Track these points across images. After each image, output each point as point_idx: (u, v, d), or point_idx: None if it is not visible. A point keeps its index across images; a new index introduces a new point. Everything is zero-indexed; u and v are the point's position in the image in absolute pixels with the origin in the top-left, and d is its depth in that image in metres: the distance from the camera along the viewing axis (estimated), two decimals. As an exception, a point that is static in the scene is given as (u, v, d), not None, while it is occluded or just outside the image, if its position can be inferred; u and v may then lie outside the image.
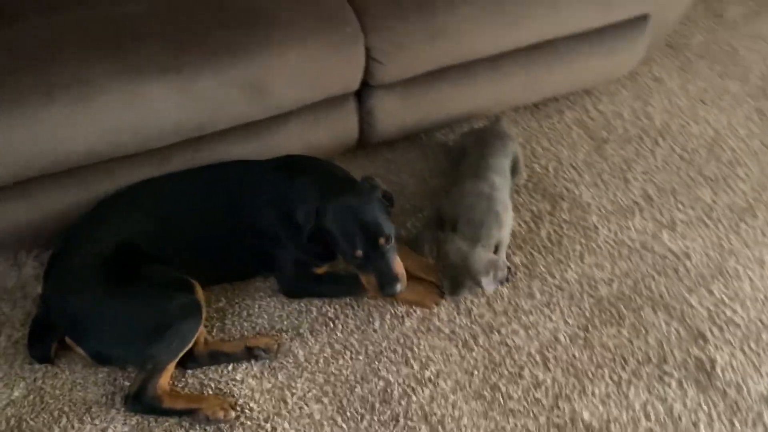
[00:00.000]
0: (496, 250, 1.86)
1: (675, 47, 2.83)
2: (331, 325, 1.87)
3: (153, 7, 1.75)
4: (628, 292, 1.96)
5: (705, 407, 1.71)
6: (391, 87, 2.02)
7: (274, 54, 1.75)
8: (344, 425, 1.68)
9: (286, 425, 1.67)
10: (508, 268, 1.82)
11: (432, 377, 1.77)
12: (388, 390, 1.74)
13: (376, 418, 1.69)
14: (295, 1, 1.84)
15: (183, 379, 1.74)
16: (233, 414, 1.66)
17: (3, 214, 1.74)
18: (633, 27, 2.29)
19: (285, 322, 1.87)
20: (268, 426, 1.66)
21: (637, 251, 2.07)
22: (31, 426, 1.64)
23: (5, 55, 1.60)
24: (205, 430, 1.65)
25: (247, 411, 1.69)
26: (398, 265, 1.71)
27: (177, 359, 1.68)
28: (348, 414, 1.70)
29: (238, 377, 1.75)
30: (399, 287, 1.68)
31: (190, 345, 1.69)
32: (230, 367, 1.77)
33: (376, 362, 1.79)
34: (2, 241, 1.82)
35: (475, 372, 1.78)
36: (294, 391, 1.73)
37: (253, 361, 1.78)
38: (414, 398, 1.73)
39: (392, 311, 1.90)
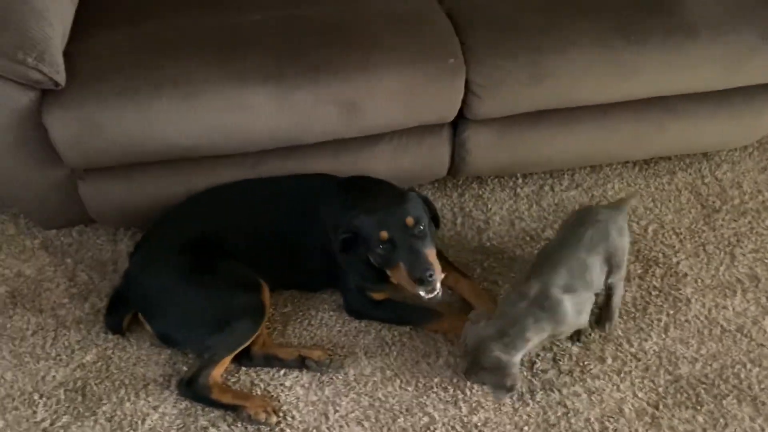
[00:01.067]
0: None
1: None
2: (387, 350, 1.85)
3: (266, 19, 1.85)
4: (713, 377, 1.79)
5: None
6: (488, 122, 2.00)
7: (371, 76, 1.79)
8: (379, 454, 1.65)
9: (323, 441, 1.67)
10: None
11: (479, 424, 1.70)
12: (431, 428, 1.70)
13: (413, 454, 1.65)
14: (404, 28, 1.87)
15: (236, 375, 1.79)
16: (275, 419, 1.69)
17: (108, 192, 1.90)
18: (766, 93, 2.12)
19: (342, 338, 1.88)
20: (306, 438, 1.68)
21: (731, 334, 1.89)
22: (93, 390, 1.76)
23: (128, 49, 1.76)
24: (246, 428, 1.69)
25: (289, 418, 1.71)
26: (431, 255, 1.62)
27: (233, 354, 1.74)
28: (386, 443, 1.67)
29: (288, 383, 1.78)
30: (433, 276, 1.58)
31: (248, 343, 1.74)
32: (282, 372, 1.80)
33: (425, 396, 1.75)
34: (105, 216, 1.98)
35: (526, 428, 1.69)
36: (338, 408, 1.73)
37: (304, 371, 1.80)
38: (456, 442, 1.67)
39: (449, 348, 1.85)
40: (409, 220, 1.61)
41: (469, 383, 1.76)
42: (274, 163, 1.93)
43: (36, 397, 1.74)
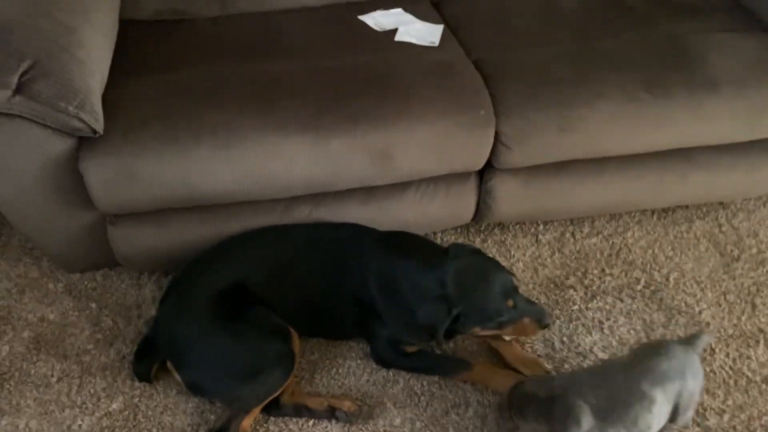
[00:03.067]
0: None
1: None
2: (416, 400, 1.84)
3: (304, 69, 1.88)
4: (741, 428, 1.79)
5: None
6: (514, 171, 2.02)
7: (405, 126, 1.80)
8: (412, 508, 1.63)
9: (354, 494, 1.65)
10: None
11: (510, 477, 1.69)
12: (463, 480, 1.68)
13: None
14: (436, 79, 1.90)
15: (264, 425, 1.77)
16: (306, 470, 1.67)
17: (138, 236, 1.89)
18: (784, 145, 2.17)
19: (371, 388, 1.87)
20: (337, 490, 1.65)
21: (756, 385, 1.89)
22: (121, 440, 1.73)
23: (165, 96, 1.77)
24: (277, 480, 1.66)
25: (319, 470, 1.69)
26: None
27: (263, 404, 1.72)
28: (418, 497, 1.65)
29: (317, 434, 1.76)
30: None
31: (278, 392, 1.73)
32: (311, 422, 1.78)
33: (456, 448, 1.74)
34: (133, 261, 1.97)
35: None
36: (369, 460, 1.72)
37: (333, 421, 1.78)
38: (489, 497, 1.66)
39: (480, 399, 1.84)
40: (516, 283, 1.71)
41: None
42: (304, 209, 1.94)
43: (62, 447, 1.71)
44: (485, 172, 2.04)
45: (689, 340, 1.69)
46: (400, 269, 1.76)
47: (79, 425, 1.75)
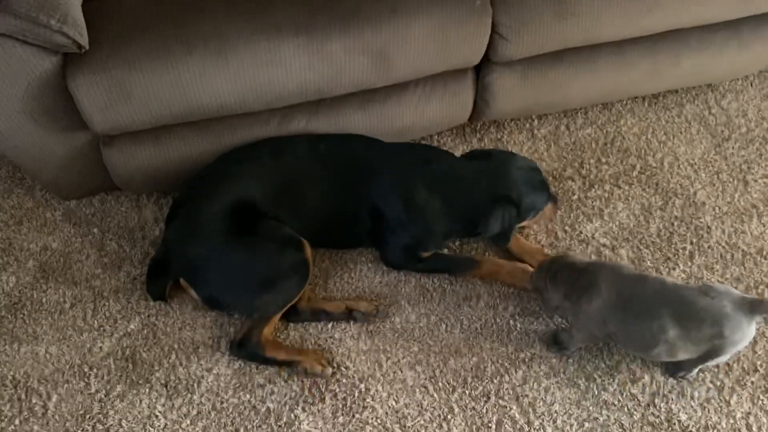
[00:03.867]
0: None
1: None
2: (429, 297, 1.89)
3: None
4: (739, 299, 1.88)
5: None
6: (511, 64, 1.99)
7: (401, 23, 1.75)
8: (435, 395, 1.70)
9: (380, 388, 1.71)
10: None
11: (526, 360, 1.76)
12: (481, 366, 1.75)
13: (467, 392, 1.70)
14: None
15: (285, 332, 1.80)
16: (330, 370, 1.71)
17: (133, 157, 1.84)
18: (772, 21, 2.16)
19: (384, 289, 1.90)
20: (363, 386, 1.71)
21: (751, 257, 1.97)
22: (144, 358, 1.75)
23: (151, 5, 1.69)
24: (302, 381, 1.71)
25: (343, 369, 1.74)
26: None
27: (282, 312, 1.74)
28: (440, 384, 1.72)
29: (336, 336, 1.80)
30: None
31: (296, 300, 1.75)
32: (329, 326, 1.82)
33: (471, 338, 1.80)
34: (131, 183, 1.93)
35: (571, 360, 1.76)
36: (389, 355, 1.77)
37: (351, 323, 1.82)
38: (507, 378, 1.73)
39: (490, 291, 1.89)
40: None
41: (515, 322, 1.82)
42: (301, 119, 1.90)
43: (86, 369, 1.73)
44: (482, 68, 2.01)
45: (749, 305, 1.53)
46: (440, 183, 1.81)
47: (100, 347, 1.76)
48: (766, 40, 2.19)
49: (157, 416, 1.65)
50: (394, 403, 1.68)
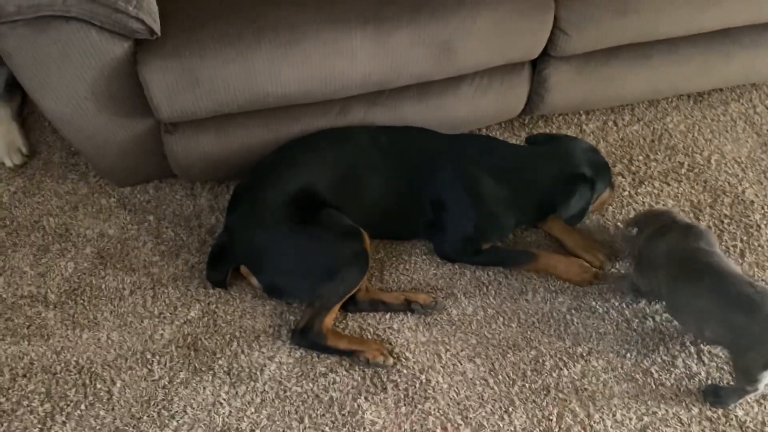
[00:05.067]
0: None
1: None
2: (485, 289, 1.89)
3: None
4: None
5: None
6: (569, 59, 2.00)
7: (467, 16, 1.75)
8: (496, 387, 1.71)
9: (440, 379, 1.72)
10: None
11: (584, 354, 1.77)
12: (540, 360, 1.76)
13: (527, 386, 1.71)
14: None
15: (344, 321, 1.81)
16: (392, 361, 1.72)
17: (195, 145, 1.84)
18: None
19: (440, 281, 1.91)
20: (423, 377, 1.72)
21: (803, 256, 1.99)
22: (205, 345, 1.75)
23: (225, -5, 1.68)
24: (364, 371, 1.72)
25: (403, 359, 1.74)
26: None
27: (342, 301, 1.75)
28: (500, 377, 1.73)
29: (395, 326, 1.81)
30: None
31: (356, 290, 1.76)
32: (387, 316, 1.82)
33: (529, 332, 1.81)
34: (188, 170, 1.92)
35: (628, 355, 1.77)
36: (448, 347, 1.77)
37: (409, 314, 1.83)
38: (565, 372, 1.74)
39: (545, 285, 1.90)
40: None
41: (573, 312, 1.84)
42: (360, 110, 1.90)
43: (148, 355, 1.73)
44: (539, 62, 2.02)
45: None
46: (505, 171, 1.85)
47: (161, 334, 1.77)
48: (815, 40, 2.20)
49: (221, 403, 1.65)
50: (455, 395, 1.69)
